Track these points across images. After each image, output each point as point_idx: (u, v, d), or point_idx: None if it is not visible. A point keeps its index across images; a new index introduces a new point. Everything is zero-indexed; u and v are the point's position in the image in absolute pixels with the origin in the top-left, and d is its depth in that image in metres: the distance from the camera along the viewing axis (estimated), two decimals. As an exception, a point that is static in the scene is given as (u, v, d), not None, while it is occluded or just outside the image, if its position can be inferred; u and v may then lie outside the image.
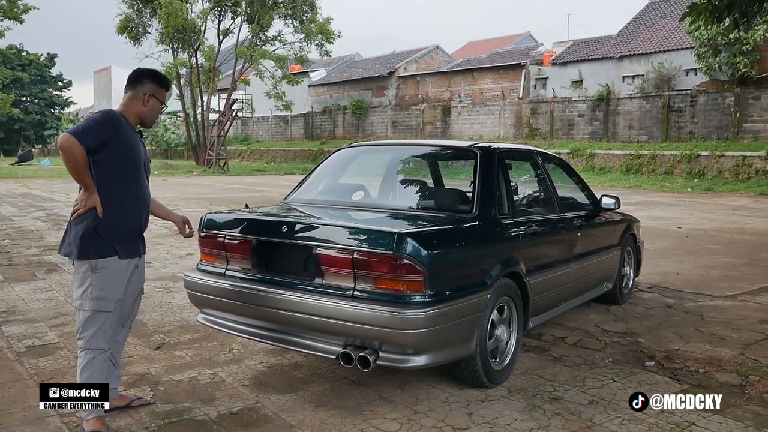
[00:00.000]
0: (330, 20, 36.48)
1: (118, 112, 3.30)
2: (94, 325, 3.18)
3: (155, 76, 3.42)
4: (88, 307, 3.17)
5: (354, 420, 3.39)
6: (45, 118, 67.49)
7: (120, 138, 3.20)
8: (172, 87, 3.50)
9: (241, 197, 16.90)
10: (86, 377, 3.18)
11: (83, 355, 3.21)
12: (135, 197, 3.30)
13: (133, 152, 3.27)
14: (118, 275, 3.22)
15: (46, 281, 6.76)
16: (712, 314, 5.63)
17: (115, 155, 3.19)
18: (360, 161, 5.19)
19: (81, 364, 3.20)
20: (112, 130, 3.16)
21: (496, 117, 33.32)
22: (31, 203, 15.85)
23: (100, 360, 3.21)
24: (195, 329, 4.98)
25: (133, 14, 37.79)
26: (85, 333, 3.19)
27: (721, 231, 11.41)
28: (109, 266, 3.18)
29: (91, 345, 3.19)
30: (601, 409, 3.55)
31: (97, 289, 3.16)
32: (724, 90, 25.37)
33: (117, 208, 3.21)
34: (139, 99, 3.34)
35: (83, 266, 3.18)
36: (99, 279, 3.16)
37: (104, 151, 3.16)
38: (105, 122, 3.16)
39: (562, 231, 4.90)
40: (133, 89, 3.36)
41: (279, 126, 48.07)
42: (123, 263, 3.24)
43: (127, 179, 3.25)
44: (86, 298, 3.17)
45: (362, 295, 3.37)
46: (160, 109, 3.43)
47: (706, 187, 21.40)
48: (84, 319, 3.19)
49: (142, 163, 3.34)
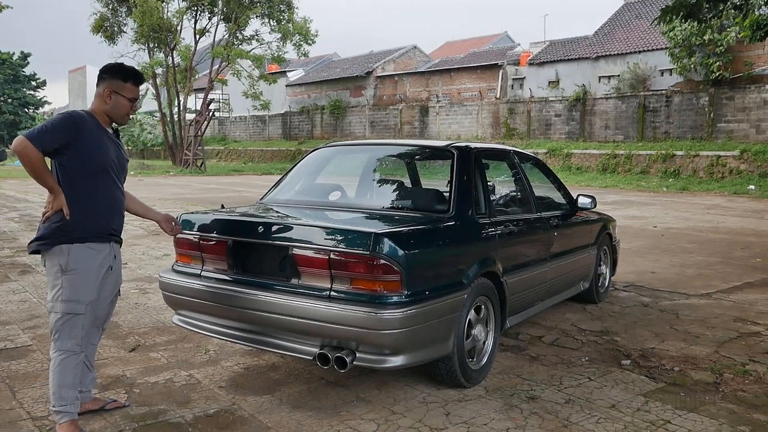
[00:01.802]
0: (309, 21, 36.37)
1: (85, 113, 3.22)
2: (66, 327, 3.14)
3: (112, 69, 3.28)
4: (59, 310, 3.12)
5: (331, 421, 3.37)
6: (19, 118, 66.55)
7: (83, 140, 3.12)
8: (142, 77, 3.35)
9: (218, 197, 16.79)
10: (58, 379, 3.14)
11: (55, 357, 3.16)
12: (104, 199, 3.22)
13: (99, 154, 3.18)
14: (90, 277, 3.16)
15: (19, 283, 6.65)
16: (687, 312, 5.69)
17: (78, 158, 3.12)
18: (337, 161, 5.17)
19: (53, 366, 3.16)
20: (71, 133, 3.09)
21: (474, 117, 33.46)
22: (4, 204, 15.61)
23: (72, 362, 3.16)
24: (171, 331, 4.93)
25: (108, 13, 37.36)
26: (57, 335, 3.15)
27: (696, 230, 11.56)
28: (80, 267, 3.12)
29: (63, 347, 3.15)
30: (577, 408, 3.57)
31: (67, 291, 3.11)
32: (698, 90, 25.68)
33: (85, 209, 3.14)
34: (101, 97, 3.25)
35: (54, 267, 3.13)
36: (69, 281, 3.11)
37: (67, 154, 3.10)
38: (63, 125, 3.09)
39: (538, 230, 4.92)
40: (97, 87, 3.28)
41: (257, 126, 47.84)
42: (95, 264, 3.18)
43: (93, 181, 3.17)
44: (57, 300, 3.12)
45: (339, 295, 3.36)
46: (128, 104, 3.27)
47: (681, 187, 21.66)
48: (55, 321, 3.14)
49: (111, 164, 3.24)
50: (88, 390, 3.43)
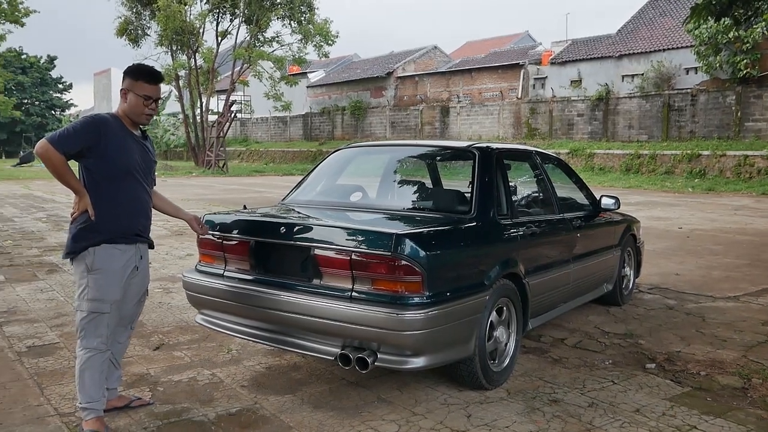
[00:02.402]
0: (329, 22, 36.47)
1: (109, 116, 3.25)
2: (91, 326, 3.18)
3: (128, 69, 3.31)
4: (85, 308, 3.17)
5: (352, 421, 3.37)
6: (46, 120, 67.58)
7: (106, 143, 3.15)
8: (156, 75, 3.30)
9: (240, 198, 16.90)
10: (84, 377, 3.18)
11: (81, 355, 3.21)
12: (128, 200, 3.25)
13: (123, 156, 3.20)
14: (115, 276, 3.20)
15: (47, 282, 6.75)
16: (713, 316, 5.61)
17: (102, 160, 3.15)
18: (358, 162, 5.17)
19: (79, 364, 3.21)
20: (93, 136, 3.12)
21: (495, 117, 33.32)
22: (32, 204, 15.84)
23: (98, 360, 3.21)
24: (194, 330, 4.97)
25: (132, 17, 37.80)
26: (83, 333, 3.20)
27: (723, 231, 11.40)
28: (105, 267, 3.17)
29: (89, 345, 3.19)
30: (601, 411, 3.53)
31: (93, 290, 3.16)
32: (725, 89, 25.34)
33: (108, 210, 3.18)
34: (121, 97, 3.29)
35: (80, 267, 3.18)
36: (95, 280, 3.16)
37: (90, 157, 3.14)
38: (85, 129, 3.13)
39: (561, 232, 4.88)
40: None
41: (278, 127, 48.07)
42: (119, 264, 3.21)
43: (116, 183, 3.20)
44: (83, 299, 3.17)
45: (360, 296, 3.36)
46: (140, 102, 3.25)
47: (708, 187, 21.37)
48: (81, 320, 3.19)
49: (135, 166, 3.27)
50: (114, 387, 3.48)
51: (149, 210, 3.43)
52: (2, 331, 4.93)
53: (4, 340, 4.71)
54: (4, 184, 23.60)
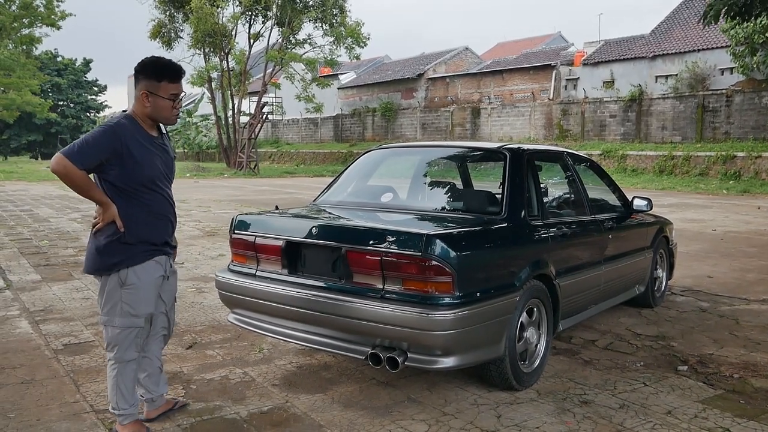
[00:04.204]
0: (361, 24, 36.59)
1: (126, 120, 3.06)
2: (125, 341, 3.11)
3: (146, 68, 3.06)
4: (117, 324, 3.07)
5: (382, 420, 3.40)
6: (81, 122, 68.75)
7: (129, 153, 2.98)
8: (178, 71, 3.07)
9: (271, 199, 17.03)
10: (118, 387, 3.14)
11: (112, 366, 3.14)
12: (157, 210, 3.15)
13: (146, 165, 3.05)
14: (149, 290, 3.13)
15: (82, 281, 6.89)
16: (747, 318, 5.52)
17: (124, 171, 2.99)
18: (389, 163, 5.20)
19: (111, 376, 3.14)
20: (114, 147, 2.95)
21: (526, 118, 33.11)
22: (67, 205, 16.15)
23: (130, 368, 3.17)
24: (226, 329, 5.04)
25: (166, 19, 38.28)
26: (115, 348, 3.11)
27: (758, 233, 11.20)
28: (138, 283, 3.07)
29: (122, 359, 3.12)
30: (632, 413, 3.51)
31: (127, 306, 3.06)
32: (761, 89, 24.87)
33: (139, 221, 3.06)
34: (139, 100, 3.07)
35: (112, 281, 3.06)
36: (128, 295, 3.06)
37: (112, 169, 2.98)
38: (105, 141, 2.94)
39: (592, 233, 4.85)
40: (135, 88, 3.12)
41: (309, 128, 48.33)
42: (154, 278, 3.14)
43: (143, 193, 3.07)
44: (115, 315, 3.07)
45: (391, 296, 3.38)
46: (168, 104, 3.07)
47: (742, 189, 20.98)
48: (113, 336, 3.10)
49: (159, 173, 3.13)
50: (162, 393, 3.43)
51: (174, 216, 3.33)
52: (39, 329, 5.05)
53: (41, 338, 4.82)
54: (40, 185, 24.09)
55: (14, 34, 38.83)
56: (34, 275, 7.20)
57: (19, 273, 7.32)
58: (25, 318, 5.38)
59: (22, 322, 5.27)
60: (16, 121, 49.47)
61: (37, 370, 4.14)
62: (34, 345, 4.66)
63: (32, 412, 3.46)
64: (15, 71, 39.75)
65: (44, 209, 15.03)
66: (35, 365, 4.23)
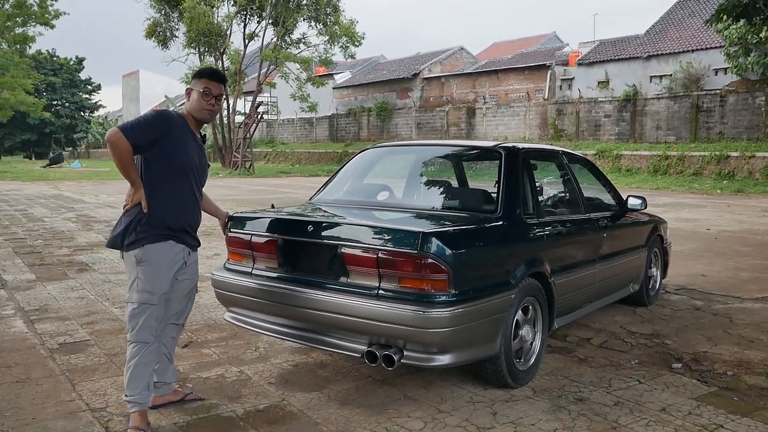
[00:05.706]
0: (355, 22, 36.59)
1: (176, 114, 3.38)
2: (140, 318, 3.23)
3: (195, 72, 3.49)
4: (135, 299, 3.24)
5: (378, 418, 3.41)
6: (75, 122, 68.62)
7: (171, 139, 3.25)
8: (216, 74, 3.49)
9: (266, 198, 17.03)
10: (132, 370, 3.23)
11: (131, 348, 3.27)
12: (181, 198, 3.34)
13: (183, 154, 3.31)
14: (162, 269, 3.26)
15: (77, 280, 6.88)
16: (741, 316, 5.55)
17: (164, 155, 3.24)
18: (385, 162, 5.21)
19: (129, 357, 3.26)
20: (162, 130, 3.22)
21: (521, 118, 33.19)
22: (61, 205, 16.12)
23: (147, 352, 3.26)
24: (222, 328, 5.04)
25: (161, 18, 38.27)
26: (132, 325, 3.25)
27: (751, 233, 11.25)
28: (153, 259, 3.23)
29: (138, 338, 3.25)
30: (627, 410, 3.53)
31: (142, 282, 3.23)
32: (754, 90, 24.99)
33: (162, 205, 3.25)
34: (186, 97, 3.43)
35: (131, 259, 3.24)
36: (144, 272, 3.23)
37: (154, 150, 3.22)
38: (155, 121, 3.24)
39: (587, 231, 4.87)
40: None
41: (304, 128, 48.31)
42: (167, 258, 3.27)
43: (174, 180, 3.29)
44: (133, 291, 3.24)
45: (387, 294, 3.39)
46: (199, 98, 3.37)
47: (736, 189, 21.07)
48: (131, 312, 3.25)
49: (192, 165, 3.37)
50: (169, 382, 3.55)
51: (199, 210, 3.51)
52: (34, 329, 5.04)
53: (36, 337, 4.81)
54: (34, 185, 24.05)
55: (7, 33, 38.76)
56: (29, 275, 7.18)
57: (13, 272, 7.30)
58: (20, 317, 5.37)
59: (17, 321, 5.26)
60: (9, 120, 49.34)
61: (32, 369, 4.13)
62: (29, 344, 4.65)
63: (28, 411, 3.46)
64: (9, 70, 39.66)
65: (38, 209, 15.00)
66: (30, 364, 4.22)
